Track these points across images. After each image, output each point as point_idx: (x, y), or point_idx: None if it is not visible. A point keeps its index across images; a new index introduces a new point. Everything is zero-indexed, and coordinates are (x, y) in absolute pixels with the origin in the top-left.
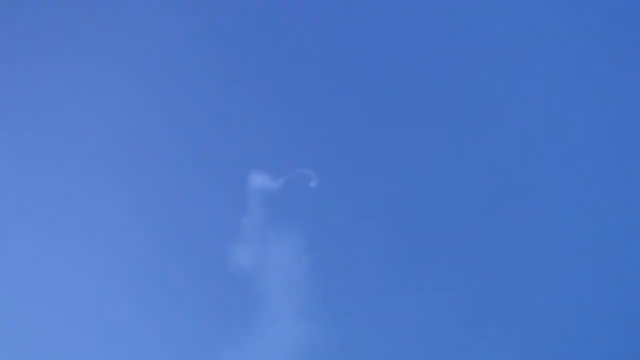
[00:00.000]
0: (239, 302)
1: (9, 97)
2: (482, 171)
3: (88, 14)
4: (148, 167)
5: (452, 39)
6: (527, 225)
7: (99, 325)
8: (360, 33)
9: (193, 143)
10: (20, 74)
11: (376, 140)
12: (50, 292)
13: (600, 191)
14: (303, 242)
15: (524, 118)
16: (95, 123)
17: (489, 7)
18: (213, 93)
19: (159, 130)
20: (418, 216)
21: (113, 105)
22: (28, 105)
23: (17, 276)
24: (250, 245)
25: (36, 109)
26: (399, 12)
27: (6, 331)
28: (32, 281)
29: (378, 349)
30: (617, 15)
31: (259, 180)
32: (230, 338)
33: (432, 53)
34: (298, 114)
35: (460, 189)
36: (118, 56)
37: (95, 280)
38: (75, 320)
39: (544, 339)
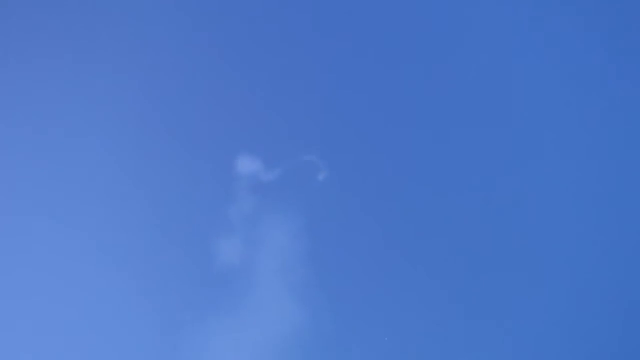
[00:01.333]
0: (227, 294)
1: (8, 97)
2: (484, 169)
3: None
4: (131, 151)
5: (455, 35)
6: (530, 224)
7: (85, 318)
8: (365, 24)
9: (185, 127)
10: (19, 74)
11: (377, 134)
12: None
13: (602, 191)
14: (299, 229)
15: (529, 116)
16: (79, 107)
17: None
18: (206, 71)
19: (143, 112)
20: (418, 207)
21: (98, 86)
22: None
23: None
24: (242, 234)
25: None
26: (402, 7)
27: None
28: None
29: (374, 339)
30: (620, 15)
31: (257, 168)
32: (219, 328)
33: (434, 50)
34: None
35: (461, 186)
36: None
37: (75, 274)
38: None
39: (544, 340)
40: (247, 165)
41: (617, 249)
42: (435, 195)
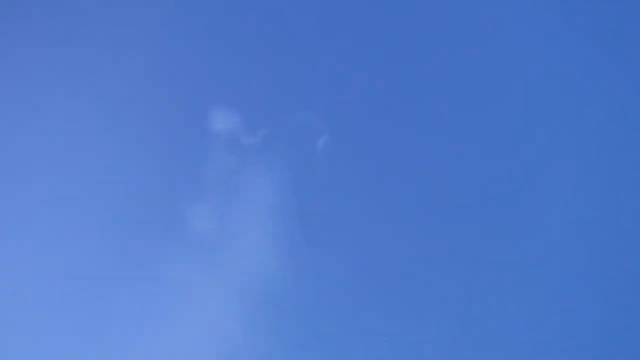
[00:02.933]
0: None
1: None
2: (486, 169)
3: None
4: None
5: (459, 32)
6: (531, 226)
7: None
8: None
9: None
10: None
11: (388, 92)
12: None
13: (603, 193)
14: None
15: (533, 116)
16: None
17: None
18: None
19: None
20: (423, 180)
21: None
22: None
23: None
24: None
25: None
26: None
27: None
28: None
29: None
30: (619, 15)
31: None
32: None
33: (438, 47)
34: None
35: (459, 179)
36: None
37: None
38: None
39: (542, 340)
40: (227, 123)
41: (616, 249)
42: (439, 172)
